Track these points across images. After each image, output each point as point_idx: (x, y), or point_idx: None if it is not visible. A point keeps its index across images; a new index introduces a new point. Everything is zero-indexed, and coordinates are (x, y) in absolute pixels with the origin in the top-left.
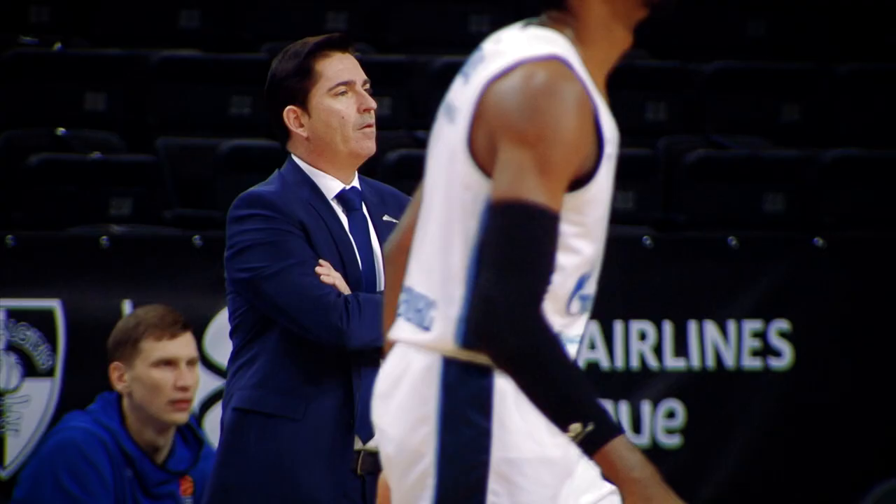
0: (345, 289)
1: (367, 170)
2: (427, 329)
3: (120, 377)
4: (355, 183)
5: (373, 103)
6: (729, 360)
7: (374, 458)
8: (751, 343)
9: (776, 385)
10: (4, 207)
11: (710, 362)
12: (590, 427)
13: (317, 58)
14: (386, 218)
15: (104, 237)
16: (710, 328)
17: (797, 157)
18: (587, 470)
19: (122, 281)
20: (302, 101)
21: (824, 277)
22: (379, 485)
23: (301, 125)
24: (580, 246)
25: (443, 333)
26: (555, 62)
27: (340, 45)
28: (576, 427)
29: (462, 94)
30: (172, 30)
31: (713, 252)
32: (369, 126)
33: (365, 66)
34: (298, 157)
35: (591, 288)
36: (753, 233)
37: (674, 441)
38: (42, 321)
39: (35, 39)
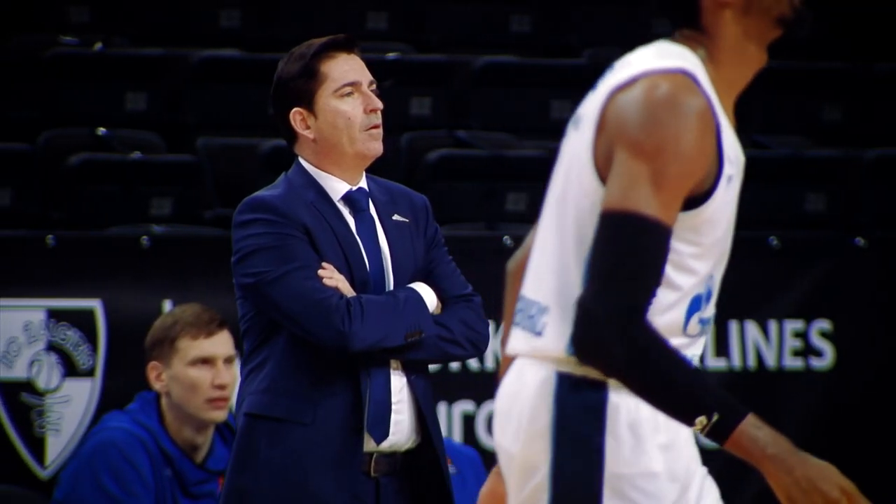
0: (348, 291)
1: (407, 169)
2: (539, 334)
3: (158, 376)
4: (362, 183)
5: (379, 104)
6: (770, 361)
7: (389, 460)
8: (792, 343)
9: (817, 385)
10: (45, 207)
11: (752, 362)
12: (715, 417)
13: (322, 59)
14: (396, 217)
15: (144, 237)
16: (752, 328)
17: (839, 157)
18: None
19: (162, 281)
20: (308, 103)
21: (865, 277)
22: (482, 495)
23: (307, 127)
24: (697, 266)
25: (555, 340)
26: (679, 76)
27: (346, 46)
28: (701, 420)
29: (588, 104)
30: (212, 30)
31: (755, 252)
32: (376, 127)
33: (405, 65)
34: (305, 159)
35: (710, 310)
36: (795, 233)
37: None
38: (82, 321)
39: (75, 39)
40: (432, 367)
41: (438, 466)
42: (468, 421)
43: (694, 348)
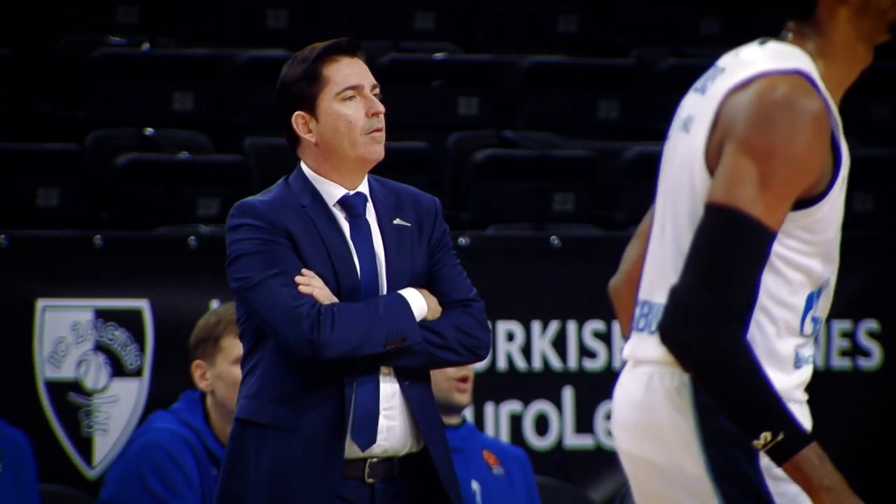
0: (327, 298)
1: (454, 169)
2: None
3: (202, 375)
4: (363, 187)
5: (381, 107)
6: (818, 360)
7: (386, 466)
8: (840, 343)
9: (865, 385)
10: (93, 208)
11: None
12: (780, 437)
13: (324, 63)
14: (397, 221)
15: (192, 237)
16: None
17: (887, 157)
18: None
19: (210, 281)
20: (310, 107)
21: None
22: None
23: (309, 130)
24: (810, 265)
25: None
26: (797, 77)
27: (348, 50)
28: (766, 436)
29: (698, 106)
30: (260, 30)
31: None
32: (378, 130)
33: (452, 65)
34: (307, 162)
35: (821, 310)
36: (842, 233)
37: None
38: (130, 321)
39: (123, 40)
40: (478, 366)
41: (436, 473)
42: (515, 421)
43: (808, 348)
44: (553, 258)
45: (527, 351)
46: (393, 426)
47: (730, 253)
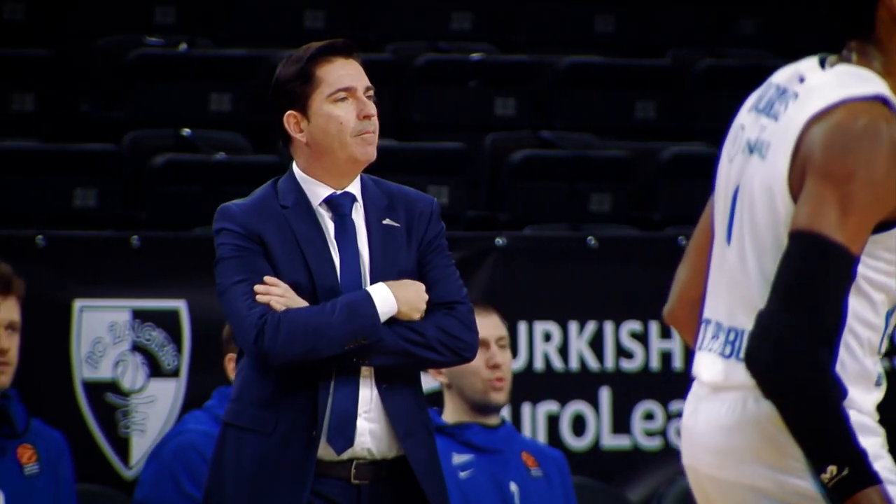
0: (290, 303)
1: (490, 169)
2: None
3: (234, 369)
4: (352, 187)
5: (373, 110)
6: None
7: (373, 468)
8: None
9: None
10: (130, 208)
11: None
12: (845, 472)
13: (318, 63)
14: (386, 222)
15: None
16: None
17: None
18: None
19: None
20: (302, 107)
21: None
22: None
23: (300, 130)
24: (891, 284)
25: None
26: (878, 104)
27: (343, 51)
28: (832, 469)
29: (771, 131)
30: (297, 30)
31: None
32: (369, 133)
33: (489, 66)
34: (297, 161)
35: (891, 327)
36: None
37: None
38: (167, 322)
39: (160, 40)
40: (515, 366)
41: (414, 478)
42: (552, 421)
43: (879, 366)
44: (590, 258)
45: (564, 351)
46: (374, 429)
47: (816, 278)
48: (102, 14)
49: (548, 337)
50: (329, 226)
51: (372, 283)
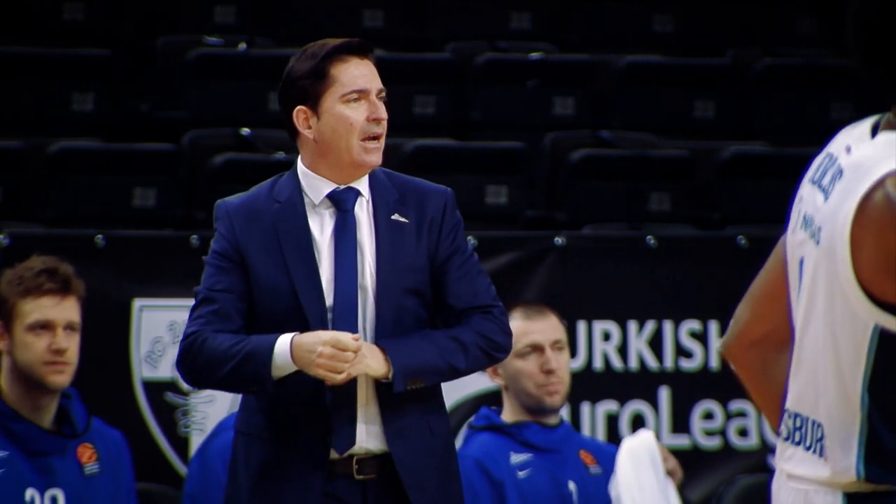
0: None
1: (549, 168)
2: (821, 456)
3: None
4: (358, 183)
5: (383, 113)
6: None
7: (377, 462)
8: None
9: None
10: (189, 207)
11: None
12: None
13: (333, 62)
14: (395, 217)
15: None
16: None
17: None
18: None
19: None
20: (313, 103)
21: None
22: None
23: (309, 126)
24: None
25: (843, 464)
26: None
27: (359, 51)
28: None
29: (823, 214)
30: (356, 30)
31: None
32: (374, 138)
33: (548, 65)
34: (303, 156)
35: None
36: None
37: None
38: None
39: (220, 40)
40: (574, 365)
41: (400, 476)
42: (611, 421)
43: None
44: (649, 258)
45: (623, 351)
46: (372, 427)
47: None
48: (162, 14)
49: (607, 336)
50: (328, 222)
51: (379, 279)
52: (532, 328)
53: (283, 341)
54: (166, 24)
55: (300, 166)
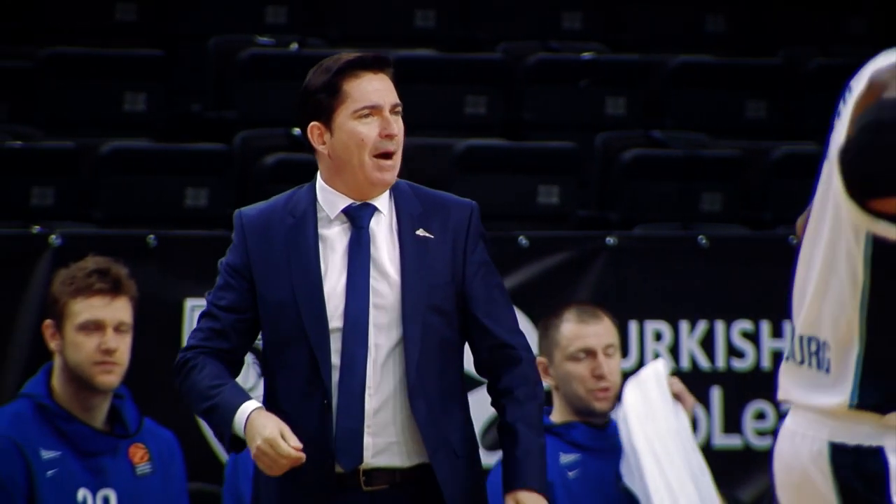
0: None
1: (601, 168)
2: (827, 372)
3: None
4: (377, 199)
5: (395, 130)
6: None
7: (387, 475)
8: None
9: None
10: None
11: None
12: None
13: (346, 77)
14: (419, 233)
15: None
16: None
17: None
18: None
19: None
20: (326, 119)
21: None
22: None
23: (323, 142)
24: None
25: (842, 384)
26: None
27: (373, 66)
28: None
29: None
30: (407, 30)
31: None
32: (388, 153)
33: (600, 65)
34: (321, 170)
35: None
36: None
37: None
38: None
39: (271, 40)
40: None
41: (439, 489)
42: None
43: None
44: (700, 258)
45: (675, 351)
46: (379, 443)
47: None
48: (213, 14)
49: (658, 336)
50: (342, 238)
51: (404, 295)
52: (585, 332)
53: (244, 411)
54: (218, 25)
55: (318, 180)
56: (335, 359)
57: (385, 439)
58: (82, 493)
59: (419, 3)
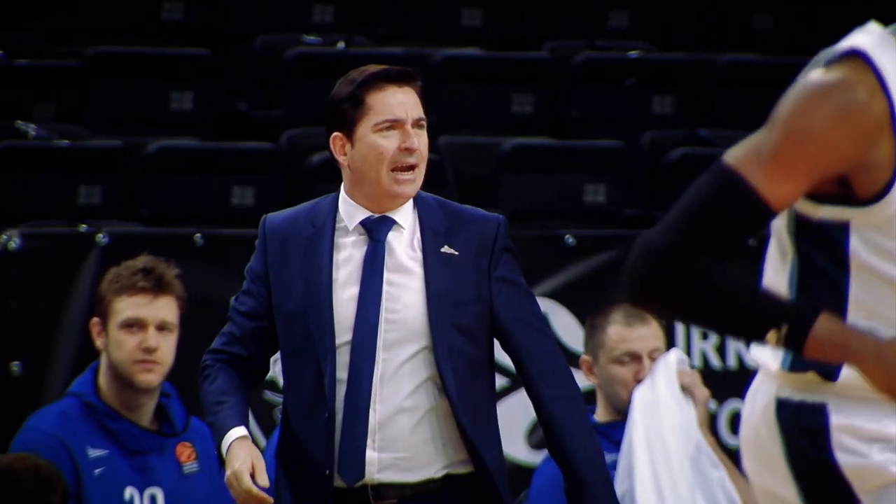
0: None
1: (648, 167)
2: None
3: None
4: (396, 212)
5: (415, 144)
6: None
7: (395, 489)
8: None
9: None
10: (287, 206)
11: None
12: (784, 329)
13: (370, 89)
14: (444, 250)
15: None
16: None
17: None
18: None
19: None
20: (348, 130)
21: None
22: None
23: (344, 153)
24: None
25: (771, 354)
26: (855, 60)
27: (398, 79)
28: (772, 335)
29: None
30: (455, 28)
31: None
32: (408, 167)
33: (647, 64)
34: (344, 181)
35: None
36: None
37: None
38: None
39: (318, 39)
40: None
41: (495, 490)
42: (710, 420)
43: None
44: (748, 256)
45: (721, 349)
46: (385, 458)
47: (709, 208)
48: (260, 13)
49: (705, 335)
50: (360, 252)
51: (431, 310)
52: (631, 335)
53: (228, 438)
54: (265, 23)
55: (342, 191)
56: (342, 373)
57: (391, 455)
58: (129, 491)
59: (466, 2)
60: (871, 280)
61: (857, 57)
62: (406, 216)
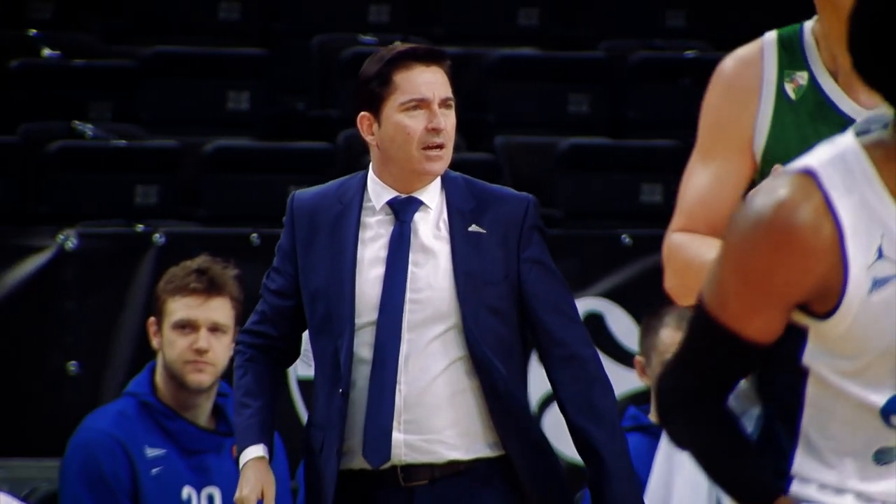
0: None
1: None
2: None
3: None
4: (425, 192)
5: (442, 123)
6: None
7: (424, 470)
8: None
9: None
10: None
11: None
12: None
13: (397, 68)
14: (472, 229)
15: None
16: None
17: None
18: None
19: None
20: (376, 110)
21: None
22: None
23: (371, 133)
24: (854, 392)
25: None
26: (804, 179)
27: (426, 58)
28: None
29: None
30: (510, 28)
31: None
32: (437, 146)
33: (702, 63)
34: (372, 161)
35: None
36: None
37: None
38: None
39: (374, 39)
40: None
41: (484, 478)
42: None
43: (882, 484)
44: None
45: None
46: (412, 440)
47: (697, 348)
48: (317, 13)
49: None
50: (387, 231)
51: (460, 291)
52: None
53: (244, 456)
54: (321, 23)
55: (370, 169)
56: (367, 353)
57: (418, 436)
58: (187, 491)
59: (522, 2)
60: (824, 392)
61: (808, 176)
62: (433, 196)
